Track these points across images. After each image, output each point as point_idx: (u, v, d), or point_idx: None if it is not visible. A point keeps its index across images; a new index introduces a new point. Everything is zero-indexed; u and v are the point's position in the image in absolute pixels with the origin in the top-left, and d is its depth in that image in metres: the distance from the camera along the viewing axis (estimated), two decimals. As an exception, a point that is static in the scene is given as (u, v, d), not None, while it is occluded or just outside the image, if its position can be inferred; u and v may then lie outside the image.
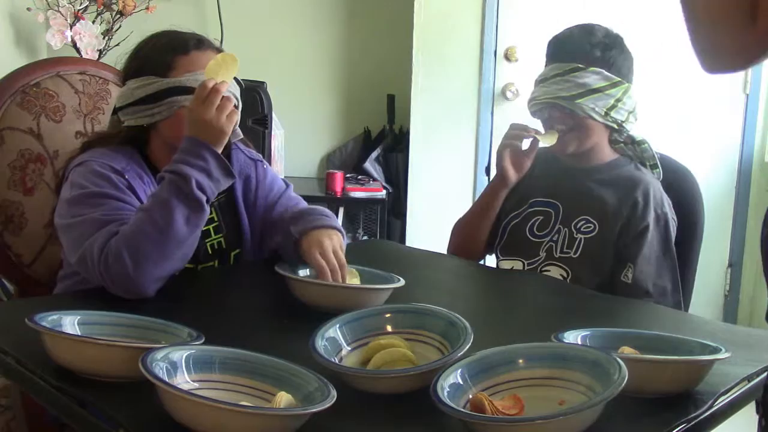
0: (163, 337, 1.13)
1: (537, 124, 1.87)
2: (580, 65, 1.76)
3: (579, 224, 1.81)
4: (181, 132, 1.53)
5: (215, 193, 1.47)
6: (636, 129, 1.86)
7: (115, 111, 1.64)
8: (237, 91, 1.60)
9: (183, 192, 1.41)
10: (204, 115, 1.45)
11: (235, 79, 1.62)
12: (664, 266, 1.76)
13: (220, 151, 1.47)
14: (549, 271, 1.82)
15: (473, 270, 1.83)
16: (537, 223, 1.87)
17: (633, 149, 1.87)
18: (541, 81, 1.81)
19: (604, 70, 1.77)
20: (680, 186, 1.91)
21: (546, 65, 1.84)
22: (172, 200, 1.40)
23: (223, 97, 1.47)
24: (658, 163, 1.86)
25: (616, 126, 1.80)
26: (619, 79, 1.78)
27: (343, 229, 1.61)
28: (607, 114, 1.77)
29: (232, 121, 1.48)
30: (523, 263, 1.86)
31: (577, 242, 1.80)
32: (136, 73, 1.59)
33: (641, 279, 1.73)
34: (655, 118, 3.36)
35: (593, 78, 1.76)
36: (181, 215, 1.40)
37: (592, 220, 1.80)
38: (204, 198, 1.43)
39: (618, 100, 1.78)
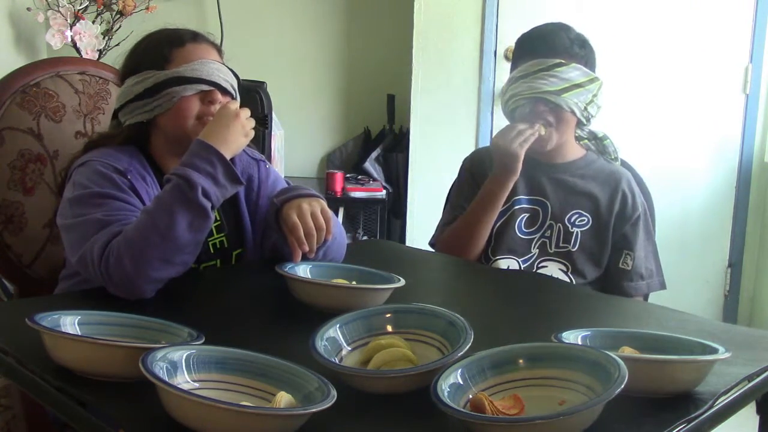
0: (163, 337, 1.12)
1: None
2: (562, 60, 1.78)
3: (573, 218, 1.86)
4: (181, 124, 1.54)
5: (221, 200, 1.46)
6: (596, 124, 1.92)
7: (115, 114, 1.64)
8: (234, 82, 1.61)
9: (187, 198, 1.40)
10: (229, 125, 1.48)
11: (232, 71, 1.62)
12: (648, 250, 1.88)
13: (228, 158, 1.47)
14: (546, 266, 1.84)
15: (473, 270, 1.83)
16: (523, 220, 1.88)
17: (596, 144, 1.94)
18: (522, 77, 1.80)
19: (582, 66, 1.79)
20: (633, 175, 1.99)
21: (519, 62, 1.84)
22: (175, 206, 1.39)
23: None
24: (619, 156, 1.94)
25: (586, 121, 1.84)
26: (595, 75, 1.82)
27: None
28: (585, 109, 1.81)
29: (249, 139, 1.53)
30: (518, 261, 1.87)
31: (574, 236, 1.85)
32: (134, 70, 1.60)
33: (638, 264, 1.84)
34: (655, 118, 3.37)
35: (575, 73, 1.78)
36: (184, 221, 1.39)
37: (584, 213, 1.86)
38: (209, 205, 1.42)
39: (594, 96, 1.81)
